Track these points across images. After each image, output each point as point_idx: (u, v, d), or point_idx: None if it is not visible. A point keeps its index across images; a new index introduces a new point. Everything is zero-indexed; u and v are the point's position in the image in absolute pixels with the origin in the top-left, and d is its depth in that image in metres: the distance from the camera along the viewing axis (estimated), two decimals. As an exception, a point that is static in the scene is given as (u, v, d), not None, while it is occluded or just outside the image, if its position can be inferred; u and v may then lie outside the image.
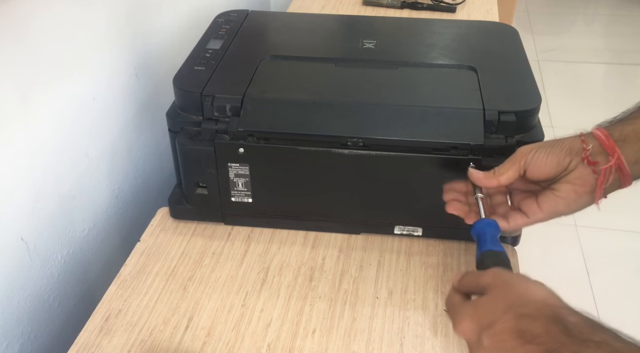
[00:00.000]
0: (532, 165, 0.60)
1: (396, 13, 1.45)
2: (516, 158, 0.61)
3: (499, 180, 0.62)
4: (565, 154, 0.59)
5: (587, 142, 0.58)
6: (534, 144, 0.61)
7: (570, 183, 0.59)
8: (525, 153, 0.61)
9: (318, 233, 0.84)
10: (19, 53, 0.69)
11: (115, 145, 0.93)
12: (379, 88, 0.80)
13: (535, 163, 0.60)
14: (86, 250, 0.88)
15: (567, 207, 0.61)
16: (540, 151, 0.60)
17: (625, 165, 0.56)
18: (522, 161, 0.61)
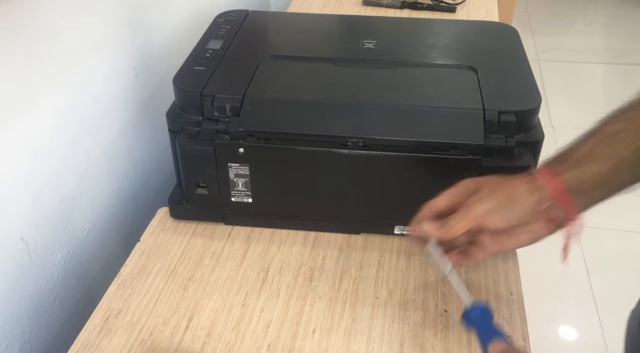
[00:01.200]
0: (488, 225, 0.59)
1: (396, 13, 1.45)
2: (470, 218, 0.59)
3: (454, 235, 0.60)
4: (523, 214, 0.57)
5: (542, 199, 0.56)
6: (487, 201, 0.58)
7: (529, 232, 0.59)
8: (480, 214, 0.58)
9: (318, 233, 0.84)
10: (19, 53, 0.69)
11: (115, 145, 0.93)
12: (379, 88, 0.80)
13: (492, 223, 0.58)
14: (86, 250, 0.88)
15: (520, 246, 0.61)
16: (496, 213, 0.58)
17: (578, 217, 0.56)
18: (477, 222, 0.59)
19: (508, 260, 0.79)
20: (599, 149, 0.55)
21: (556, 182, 0.55)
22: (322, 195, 0.80)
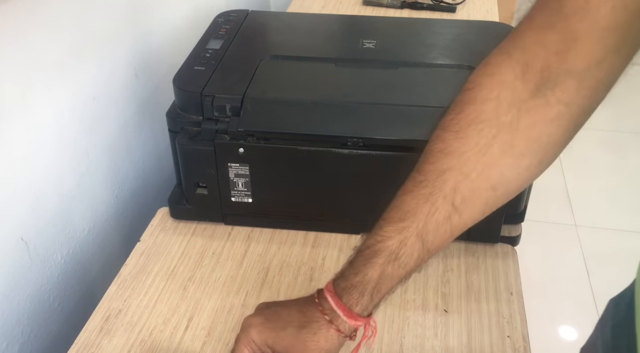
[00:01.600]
0: (277, 345, 0.56)
1: (396, 13, 1.45)
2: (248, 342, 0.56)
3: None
4: (322, 344, 0.55)
5: (335, 322, 0.55)
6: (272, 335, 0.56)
7: None
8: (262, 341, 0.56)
9: (318, 233, 0.84)
10: (19, 53, 0.69)
11: (115, 145, 0.93)
12: (379, 88, 0.80)
13: (279, 343, 0.56)
14: (86, 250, 0.88)
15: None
16: (280, 339, 0.55)
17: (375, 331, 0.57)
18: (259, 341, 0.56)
19: (508, 260, 0.79)
20: (356, 263, 0.57)
21: (341, 306, 0.55)
22: (322, 195, 0.80)
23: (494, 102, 0.49)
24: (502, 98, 0.49)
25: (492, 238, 0.81)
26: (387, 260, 0.55)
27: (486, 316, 0.72)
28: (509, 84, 0.49)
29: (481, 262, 0.79)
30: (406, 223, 0.54)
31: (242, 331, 0.57)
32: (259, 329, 0.56)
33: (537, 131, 0.49)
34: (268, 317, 0.57)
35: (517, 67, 0.48)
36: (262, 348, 0.56)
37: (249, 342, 0.56)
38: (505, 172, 0.51)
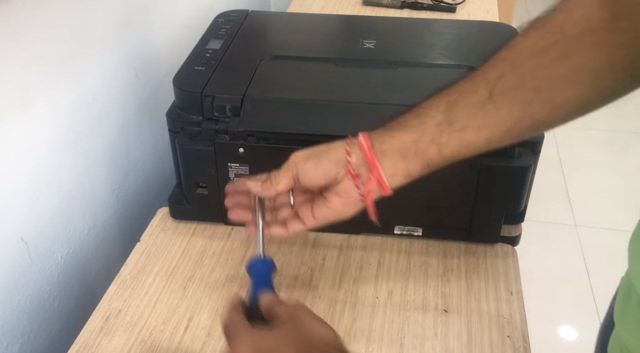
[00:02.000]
0: (302, 175, 0.59)
1: (396, 13, 1.45)
2: (289, 166, 0.60)
3: (276, 190, 0.60)
4: (332, 165, 0.58)
5: (351, 153, 0.57)
6: (307, 151, 0.60)
7: (338, 195, 0.59)
8: (296, 162, 0.59)
9: (318, 233, 0.84)
10: (19, 53, 0.69)
11: (115, 145, 0.93)
12: (379, 88, 0.80)
13: (306, 173, 0.58)
14: (86, 250, 0.88)
15: (336, 216, 0.60)
16: (309, 161, 0.59)
17: (384, 179, 0.57)
18: (294, 170, 0.59)
19: (508, 260, 0.79)
20: (409, 118, 0.57)
21: (367, 140, 0.57)
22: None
23: (566, 13, 0.50)
24: (575, 12, 0.49)
25: (492, 238, 0.81)
26: (417, 109, 0.56)
27: (486, 316, 0.72)
28: (587, 3, 0.49)
29: (481, 262, 0.79)
30: (441, 96, 0.55)
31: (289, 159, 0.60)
32: (298, 156, 0.59)
33: (599, 52, 0.48)
34: (312, 150, 0.60)
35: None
36: (294, 177, 0.59)
37: (289, 168, 0.59)
38: (554, 79, 0.50)
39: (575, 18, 0.49)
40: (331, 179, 0.58)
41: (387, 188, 0.58)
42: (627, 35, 0.47)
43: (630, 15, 0.46)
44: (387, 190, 0.58)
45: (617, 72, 0.49)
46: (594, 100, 0.51)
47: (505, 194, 0.76)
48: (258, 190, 0.61)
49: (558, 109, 0.52)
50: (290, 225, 0.62)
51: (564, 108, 0.52)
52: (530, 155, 0.75)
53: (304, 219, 0.61)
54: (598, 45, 0.48)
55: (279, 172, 0.60)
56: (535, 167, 0.76)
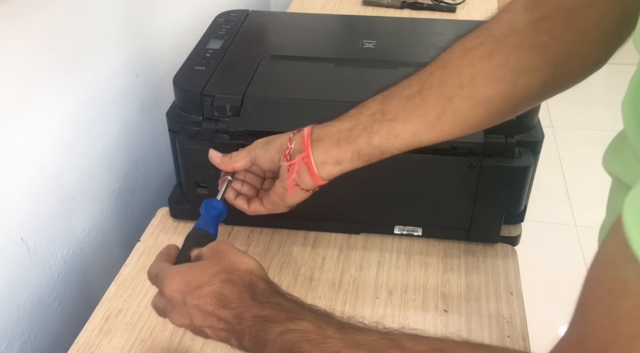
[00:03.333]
0: (257, 159, 0.64)
1: (396, 13, 1.45)
2: (249, 149, 0.65)
3: (232, 166, 0.66)
4: (275, 150, 0.62)
5: (292, 140, 0.61)
6: (265, 138, 0.65)
7: (279, 179, 0.63)
8: (255, 146, 0.65)
9: (318, 233, 0.84)
10: (19, 53, 0.69)
11: (115, 145, 0.93)
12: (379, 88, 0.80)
13: (258, 158, 0.64)
14: (86, 250, 0.88)
15: (281, 200, 0.64)
16: (262, 147, 0.64)
17: (312, 164, 0.60)
18: (253, 153, 0.65)
19: (508, 260, 0.79)
20: (351, 110, 0.61)
21: (309, 129, 0.61)
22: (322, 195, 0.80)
23: (496, 19, 0.56)
24: (503, 18, 0.55)
25: (492, 238, 0.81)
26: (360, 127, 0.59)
27: (486, 316, 0.72)
28: (515, 9, 0.54)
29: (481, 262, 0.79)
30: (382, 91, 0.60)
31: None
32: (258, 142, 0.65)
33: (519, 52, 0.53)
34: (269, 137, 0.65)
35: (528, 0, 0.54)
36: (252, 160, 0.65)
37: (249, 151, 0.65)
38: (476, 75, 0.55)
39: (502, 21, 0.55)
40: (276, 165, 0.63)
41: (314, 174, 0.60)
42: (544, 37, 0.52)
43: (548, 18, 0.51)
44: (315, 176, 0.60)
45: (532, 73, 0.53)
46: (511, 99, 0.55)
47: (505, 194, 0.76)
48: (217, 161, 0.67)
49: (478, 105, 0.56)
50: (252, 205, 0.67)
51: (483, 105, 0.56)
52: (530, 155, 0.75)
53: (262, 202, 0.66)
54: (518, 46, 0.53)
55: (240, 152, 0.66)
56: (535, 167, 0.76)
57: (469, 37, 0.57)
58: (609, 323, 0.31)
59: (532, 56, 0.53)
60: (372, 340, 0.44)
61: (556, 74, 0.53)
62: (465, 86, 0.55)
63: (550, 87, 0.55)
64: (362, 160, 0.60)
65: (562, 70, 0.53)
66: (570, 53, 0.52)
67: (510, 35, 0.54)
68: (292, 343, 0.46)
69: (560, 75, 0.54)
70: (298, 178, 0.61)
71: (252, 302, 0.50)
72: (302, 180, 0.61)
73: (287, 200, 0.64)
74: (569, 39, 0.51)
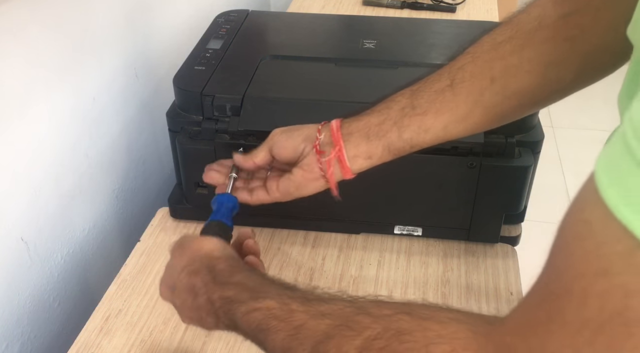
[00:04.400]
0: (276, 147, 0.63)
1: (396, 13, 1.45)
2: (267, 140, 0.65)
3: (254, 161, 0.65)
4: (301, 139, 0.62)
5: (321, 132, 0.61)
6: (285, 127, 0.65)
7: (301, 168, 0.62)
8: (273, 134, 0.65)
9: (318, 233, 0.84)
10: (20, 53, 0.69)
11: (115, 145, 0.93)
12: (379, 88, 0.80)
13: (279, 144, 0.63)
14: (86, 250, 0.88)
15: (297, 189, 0.63)
16: (283, 135, 0.64)
17: (345, 158, 0.60)
18: (270, 143, 0.64)
19: (508, 260, 0.79)
20: (379, 104, 0.61)
21: (337, 122, 0.61)
22: (322, 195, 0.80)
23: (525, 13, 0.56)
24: (533, 12, 0.55)
25: (492, 238, 0.81)
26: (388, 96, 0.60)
27: (486, 316, 0.72)
28: (544, 4, 0.54)
29: (481, 262, 0.79)
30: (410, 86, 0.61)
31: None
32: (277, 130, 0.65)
33: (549, 45, 0.53)
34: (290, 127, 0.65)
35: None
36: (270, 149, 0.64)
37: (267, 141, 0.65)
38: (508, 69, 0.55)
39: (531, 16, 0.55)
40: (299, 154, 0.62)
41: (347, 168, 0.60)
42: (573, 31, 0.52)
43: (578, 12, 0.51)
44: (347, 170, 0.60)
45: (563, 66, 0.54)
46: (542, 92, 0.56)
47: (505, 194, 0.76)
48: (240, 160, 0.66)
49: (510, 98, 0.56)
50: (255, 194, 0.66)
51: (515, 97, 0.56)
52: (530, 155, 0.75)
53: (268, 190, 0.65)
54: (548, 40, 0.53)
55: (259, 148, 0.65)
56: (535, 167, 0.76)
57: (498, 31, 0.57)
58: (571, 264, 0.31)
59: (563, 49, 0.53)
60: (337, 308, 0.45)
61: (587, 67, 0.54)
62: (497, 80, 0.56)
63: (581, 79, 0.55)
64: (393, 154, 0.60)
65: (593, 62, 0.53)
66: (601, 46, 0.52)
67: (540, 29, 0.54)
68: (258, 321, 0.47)
69: (592, 67, 0.54)
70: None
71: (214, 285, 0.51)
72: (331, 173, 0.61)
73: (303, 192, 0.64)
74: (599, 31, 0.51)
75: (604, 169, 0.31)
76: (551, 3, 0.54)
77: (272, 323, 0.46)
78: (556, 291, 0.32)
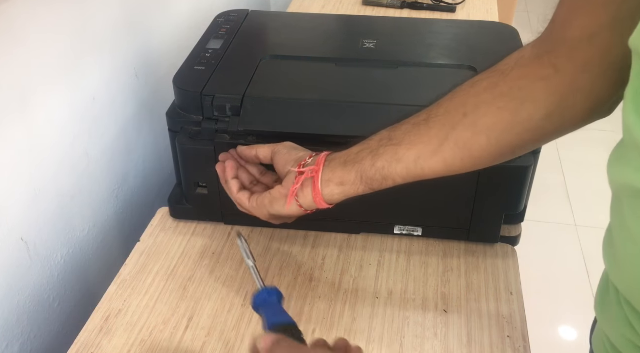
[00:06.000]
0: (276, 157, 0.68)
1: (396, 13, 1.45)
2: (276, 144, 0.70)
3: (255, 153, 0.70)
4: (294, 159, 0.66)
5: (312, 156, 0.66)
6: (294, 145, 0.70)
7: (281, 184, 0.66)
8: (282, 144, 0.69)
9: (318, 233, 0.84)
10: (19, 53, 0.69)
11: (115, 145, 0.93)
12: (379, 88, 0.80)
13: (279, 156, 0.68)
14: (86, 250, 0.88)
15: (270, 203, 0.67)
16: (286, 149, 0.68)
17: (318, 179, 0.62)
18: (275, 149, 0.69)
19: (508, 260, 0.79)
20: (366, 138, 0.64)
21: (328, 152, 0.65)
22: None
23: (507, 58, 0.58)
24: (513, 56, 0.57)
25: (492, 238, 0.81)
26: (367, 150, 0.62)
27: (486, 316, 0.72)
28: (525, 49, 0.57)
29: (481, 262, 0.79)
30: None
31: None
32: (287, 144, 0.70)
33: (523, 83, 0.55)
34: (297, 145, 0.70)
35: (537, 39, 0.56)
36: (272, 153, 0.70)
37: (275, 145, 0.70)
38: (480, 105, 0.57)
39: (511, 59, 0.57)
40: (287, 170, 0.66)
41: (317, 190, 0.62)
42: (548, 70, 0.53)
43: (553, 51, 0.53)
44: (318, 192, 0.63)
45: (535, 104, 0.54)
46: (512, 130, 0.56)
47: (505, 194, 0.76)
48: (242, 149, 0.72)
49: (479, 134, 0.57)
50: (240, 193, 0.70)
51: (484, 133, 0.57)
52: (530, 155, 0.75)
53: (250, 197, 0.69)
54: (522, 77, 0.55)
55: (266, 145, 0.70)
56: (535, 167, 0.76)
57: (480, 74, 0.59)
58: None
59: (536, 88, 0.54)
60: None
61: (561, 109, 0.54)
62: (469, 115, 0.57)
63: (554, 122, 0.55)
64: (365, 183, 0.62)
65: (567, 105, 0.53)
66: (575, 87, 0.52)
67: (516, 68, 0.56)
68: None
69: (565, 110, 0.54)
70: (300, 190, 0.64)
71: None
72: (303, 194, 0.63)
73: (276, 208, 0.66)
74: (573, 71, 0.52)
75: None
76: (531, 46, 0.56)
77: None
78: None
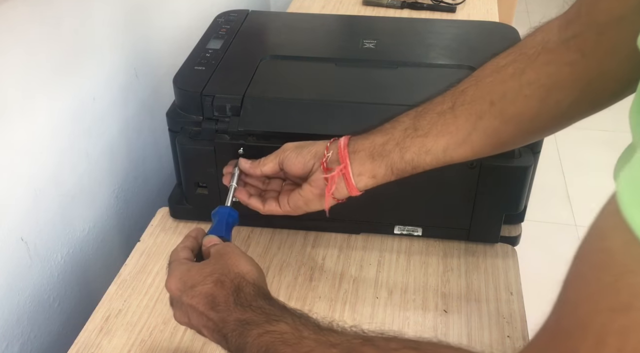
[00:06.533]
0: (286, 162, 0.66)
1: (396, 13, 1.45)
2: (277, 153, 0.67)
3: (261, 170, 0.68)
4: (310, 156, 0.64)
5: (329, 149, 0.63)
6: (296, 143, 0.67)
7: (310, 184, 0.64)
8: (284, 149, 0.67)
9: (318, 233, 0.84)
10: (20, 53, 0.69)
11: (115, 145, 0.93)
12: (378, 88, 0.80)
13: (289, 161, 0.66)
14: (86, 250, 0.88)
15: (306, 204, 0.66)
16: (294, 151, 0.66)
17: (350, 175, 0.62)
18: (281, 157, 0.66)
19: (508, 260, 0.79)
20: (386, 124, 0.63)
21: (345, 140, 0.63)
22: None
23: (530, 38, 0.56)
24: (537, 36, 0.56)
25: (492, 238, 0.81)
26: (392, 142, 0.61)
27: (486, 316, 0.72)
28: (549, 29, 0.55)
29: (481, 262, 0.79)
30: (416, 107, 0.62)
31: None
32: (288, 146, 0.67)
33: (550, 69, 0.54)
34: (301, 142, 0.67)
35: (562, 19, 0.54)
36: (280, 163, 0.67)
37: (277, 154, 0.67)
38: (507, 93, 0.56)
39: (536, 40, 0.56)
40: (308, 170, 0.64)
41: (352, 185, 0.62)
42: (575, 55, 0.52)
43: (580, 36, 0.51)
44: (353, 187, 0.62)
45: (562, 90, 0.54)
46: (540, 117, 0.56)
47: (505, 194, 0.76)
48: (247, 166, 0.69)
49: (508, 123, 0.56)
50: (267, 204, 0.68)
51: (513, 122, 0.56)
52: (530, 155, 0.75)
53: (280, 203, 0.67)
54: (549, 63, 0.54)
55: (268, 157, 0.68)
56: (535, 167, 0.76)
57: (503, 55, 0.58)
58: (587, 298, 0.28)
59: (563, 74, 0.53)
60: (346, 340, 0.45)
61: (587, 93, 0.53)
62: (496, 103, 0.56)
63: (581, 106, 0.55)
64: (396, 174, 0.61)
65: (594, 88, 0.53)
66: (602, 71, 0.52)
67: (542, 53, 0.54)
68: (268, 344, 0.47)
69: (592, 94, 0.54)
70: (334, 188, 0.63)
71: (235, 306, 0.51)
72: (337, 190, 0.63)
73: (312, 207, 0.65)
74: (600, 56, 0.51)
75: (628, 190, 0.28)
76: (556, 28, 0.54)
77: (280, 348, 0.46)
78: (569, 328, 0.29)
